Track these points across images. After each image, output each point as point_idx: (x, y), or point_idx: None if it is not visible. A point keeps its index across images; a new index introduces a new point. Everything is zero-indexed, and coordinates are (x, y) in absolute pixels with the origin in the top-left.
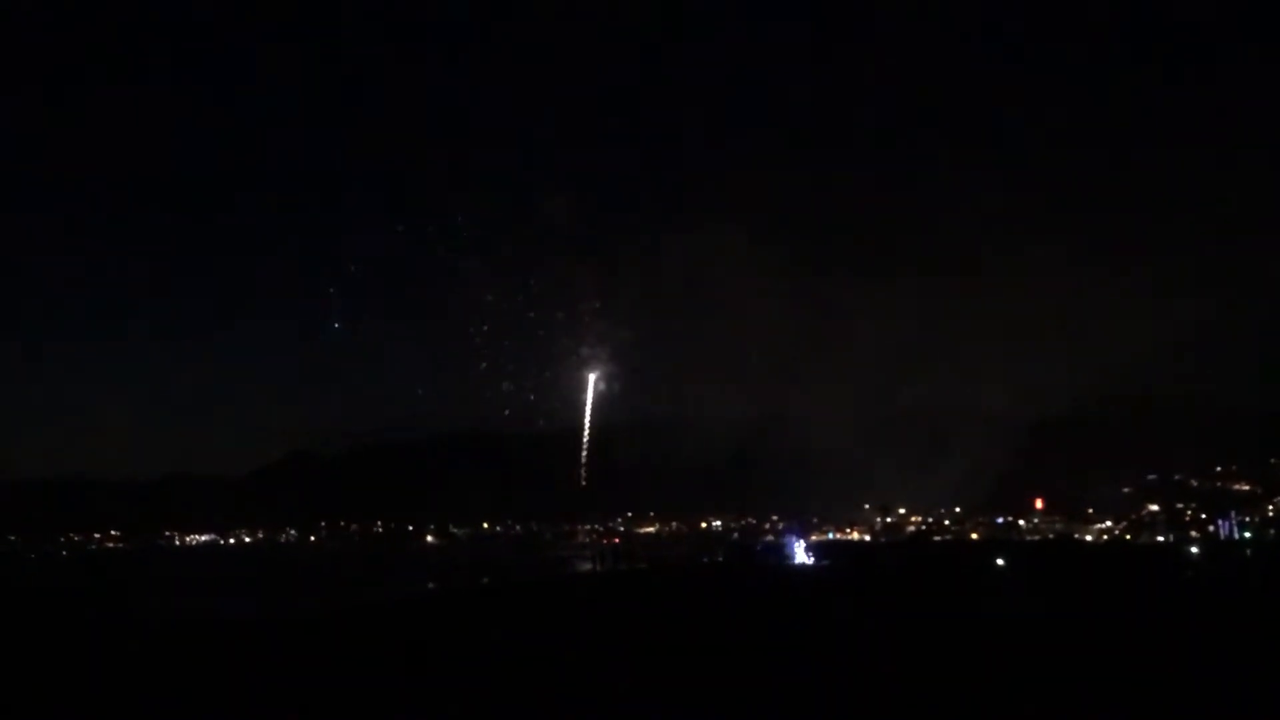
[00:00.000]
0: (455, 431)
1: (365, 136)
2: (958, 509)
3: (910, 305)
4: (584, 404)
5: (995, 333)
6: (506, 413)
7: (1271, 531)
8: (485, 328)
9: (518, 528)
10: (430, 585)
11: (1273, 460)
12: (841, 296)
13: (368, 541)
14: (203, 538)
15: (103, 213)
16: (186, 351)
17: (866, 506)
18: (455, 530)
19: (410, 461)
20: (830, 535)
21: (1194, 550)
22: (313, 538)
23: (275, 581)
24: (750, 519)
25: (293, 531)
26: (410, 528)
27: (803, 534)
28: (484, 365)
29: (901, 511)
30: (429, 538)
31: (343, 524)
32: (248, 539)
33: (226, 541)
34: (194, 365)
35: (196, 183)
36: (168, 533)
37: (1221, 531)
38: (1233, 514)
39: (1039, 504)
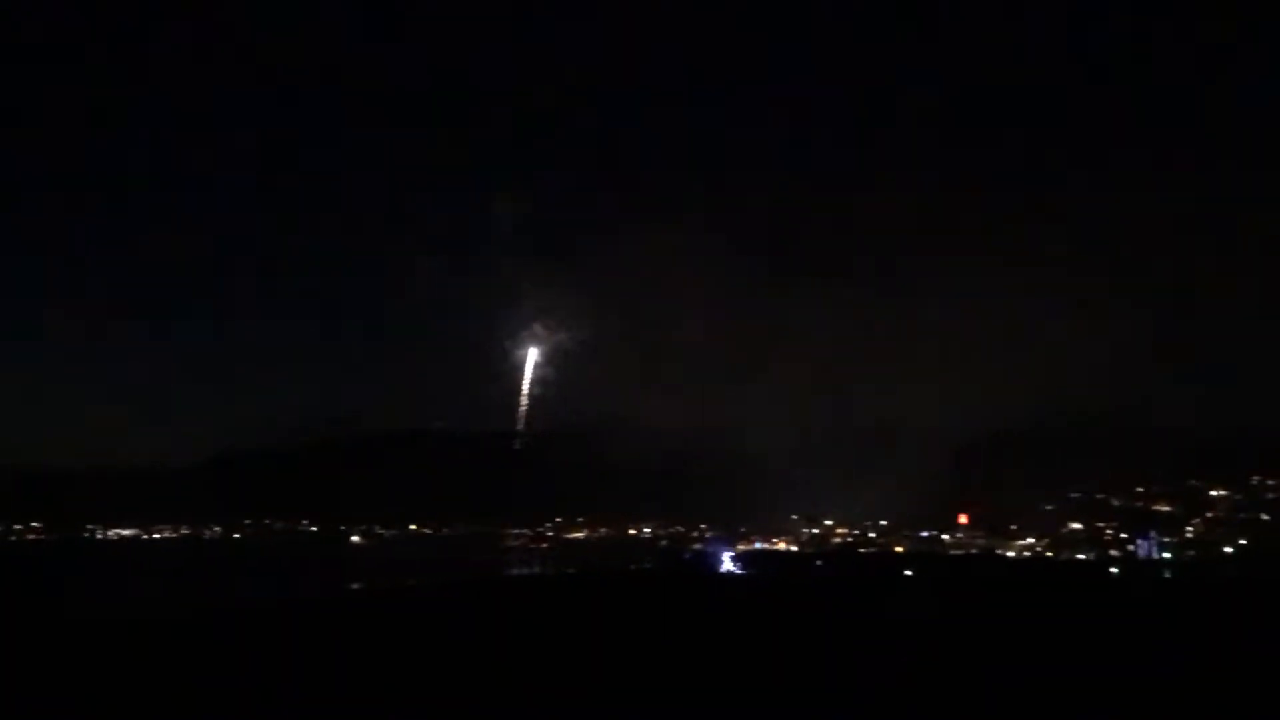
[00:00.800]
0: (388, 431)
1: (304, 130)
2: (884, 522)
3: (846, 320)
4: (520, 406)
5: (927, 349)
6: (440, 423)
7: (1190, 552)
8: (423, 328)
9: (445, 530)
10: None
11: (1193, 482)
12: (780, 309)
13: (292, 540)
14: (125, 532)
15: (22, 203)
16: (117, 344)
17: (795, 517)
18: (382, 531)
19: (340, 461)
20: (757, 545)
21: (1113, 570)
22: (236, 535)
23: (185, 578)
24: (679, 527)
25: (216, 528)
26: (342, 528)
27: (730, 544)
28: (420, 366)
29: (829, 523)
30: (354, 538)
31: (267, 522)
32: (170, 534)
33: (149, 536)
34: (125, 358)
35: (123, 175)
36: (90, 526)
37: (1140, 551)
38: (1152, 534)
39: (964, 519)
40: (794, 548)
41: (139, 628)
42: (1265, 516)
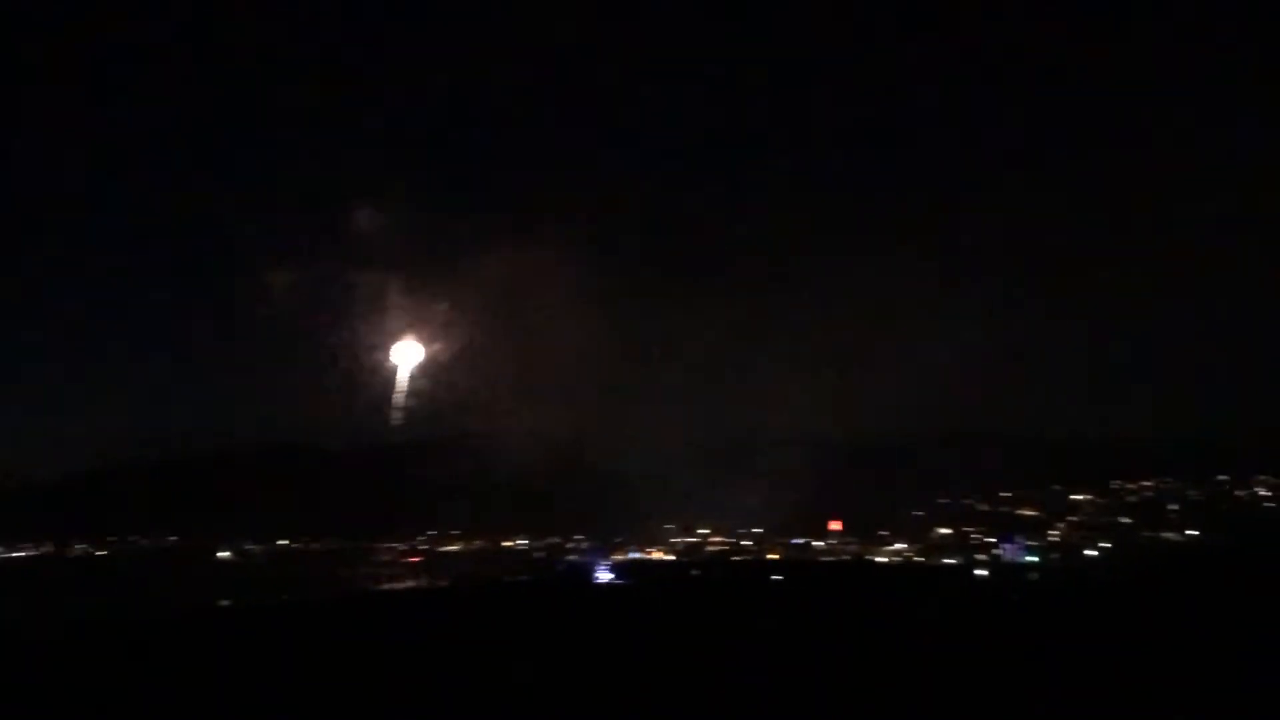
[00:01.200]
0: (257, 446)
1: (182, 140)
2: (757, 530)
3: (718, 329)
4: (390, 417)
5: (799, 358)
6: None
7: (1055, 555)
8: (294, 340)
9: (316, 545)
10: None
11: (1056, 486)
12: (653, 318)
13: (159, 556)
14: None
15: None
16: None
17: (669, 527)
18: (251, 546)
19: (209, 477)
20: (633, 555)
21: (983, 572)
22: (102, 552)
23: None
24: (555, 538)
25: (81, 546)
26: (208, 544)
27: (606, 554)
28: (290, 380)
29: (704, 532)
30: (222, 554)
31: (134, 538)
32: (35, 551)
33: (11, 554)
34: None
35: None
36: None
37: (1006, 554)
38: (1017, 538)
39: (837, 525)
40: (670, 557)
41: None
42: (1126, 520)
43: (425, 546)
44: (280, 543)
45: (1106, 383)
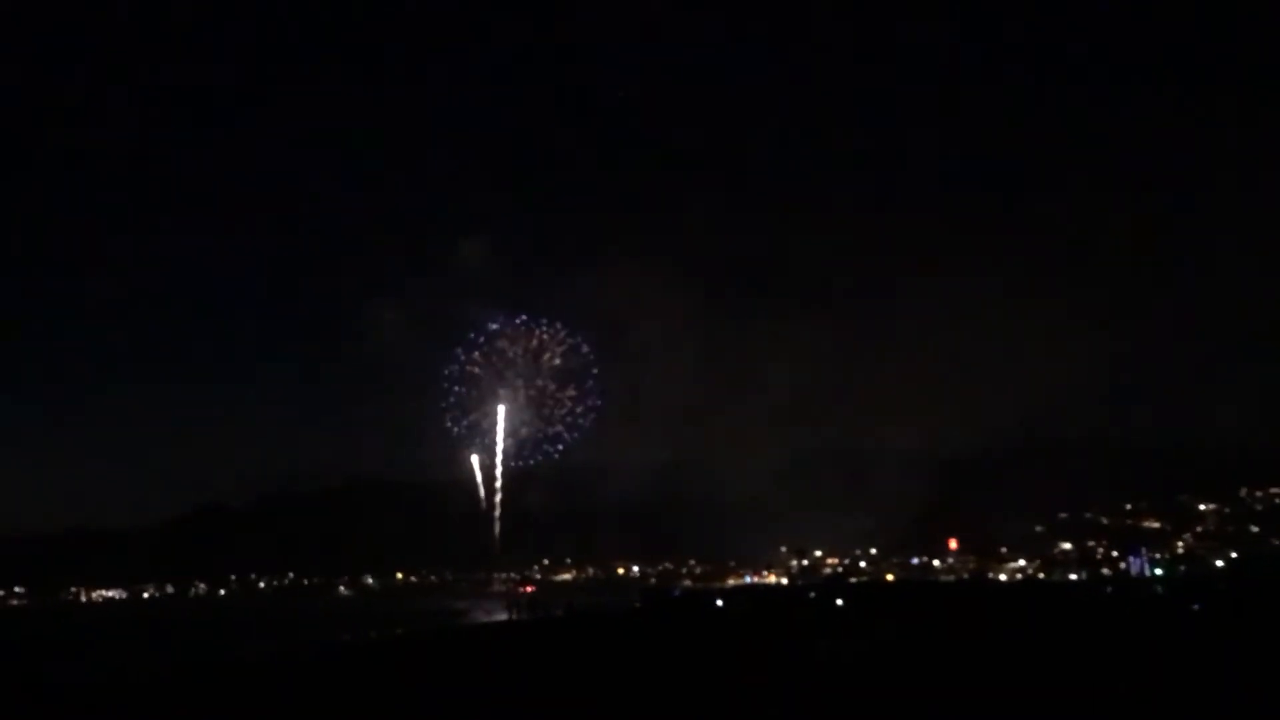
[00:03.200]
0: (368, 481)
1: (266, 178)
2: (873, 550)
3: (823, 348)
4: (496, 452)
5: (908, 375)
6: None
7: (1182, 567)
8: (399, 376)
9: (433, 577)
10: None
11: (1181, 497)
12: (755, 340)
13: (280, 594)
14: (109, 593)
15: None
16: (91, 403)
17: (783, 549)
18: (369, 581)
19: (321, 512)
20: (747, 579)
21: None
22: (222, 591)
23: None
24: (668, 564)
25: (202, 586)
26: (321, 580)
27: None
28: (391, 416)
29: (818, 554)
30: (341, 589)
31: (253, 577)
32: (155, 594)
33: (135, 596)
34: (100, 417)
35: (95, 229)
36: (73, 589)
37: (1133, 568)
38: (1143, 550)
39: (953, 544)
40: (784, 580)
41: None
42: (1254, 528)
43: (539, 576)
44: (397, 576)
45: (1229, 389)
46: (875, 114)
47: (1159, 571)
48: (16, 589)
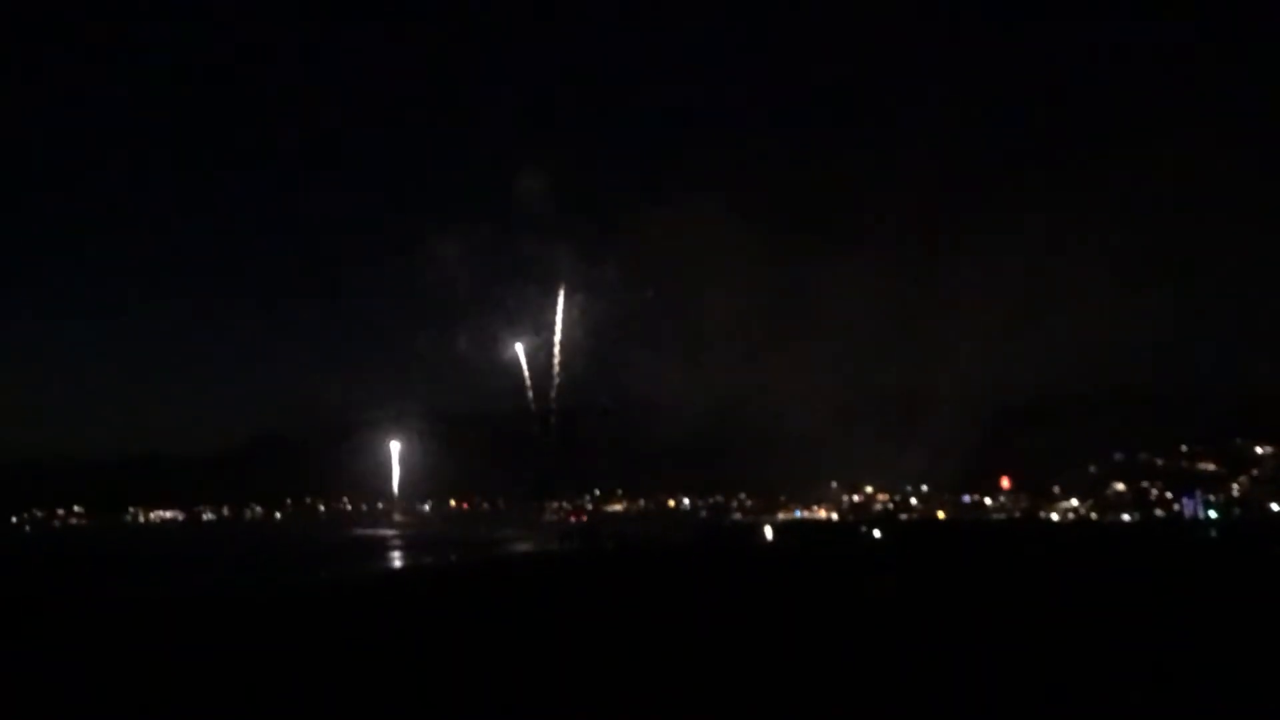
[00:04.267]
0: (424, 413)
1: (327, 117)
2: (925, 488)
3: (880, 285)
4: (554, 381)
5: (965, 313)
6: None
7: (1236, 510)
8: (460, 308)
9: (485, 505)
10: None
11: (1237, 440)
12: (813, 276)
13: (335, 519)
14: (167, 514)
15: (66, 189)
16: (157, 331)
17: (834, 485)
18: (424, 507)
19: (379, 441)
20: (798, 514)
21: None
22: (278, 515)
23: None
24: (719, 497)
25: (258, 508)
26: (379, 504)
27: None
28: (454, 343)
29: (869, 490)
30: (395, 515)
31: (309, 501)
32: (212, 516)
33: (191, 518)
34: (164, 345)
35: (155, 164)
36: (131, 509)
37: (1187, 510)
38: (1198, 493)
39: (1006, 483)
40: (834, 515)
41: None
42: None
43: (590, 507)
44: (450, 502)
45: None
46: (938, 54)
47: (1213, 514)
48: (76, 508)
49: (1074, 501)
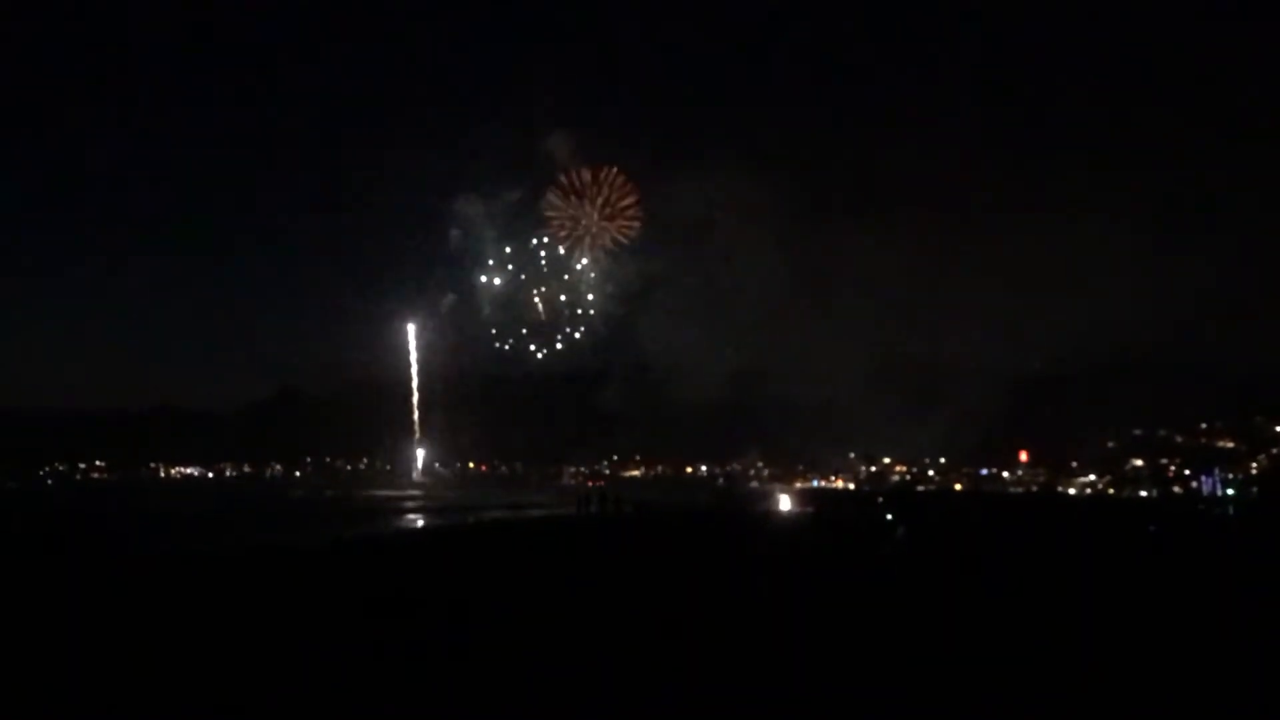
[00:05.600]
0: (443, 374)
1: (350, 70)
2: (943, 459)
3: (898, 255)
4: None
5: (984, 285)
6: (505, 345)
7: (1254, 489)
8: (480, 270)
9: (504, 468)
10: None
11: (1258, 418)
12: (830, 244)
13: (356, 477)
14: (188, 470)
15: (86, 139)
16: (177, 285)
17: (852, 455)
18: (441, 469)
19: (400, 400)
20: (815, 483)
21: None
22: (298, 473)
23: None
24: (736, 465)
25: (278, 466)
26: (398, 465)
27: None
28: (477, 307)
29: (886, 461)
30: (414, 475)
31: (328, 460)
32: (232, 473)
33: (211, 475)
34: (184, 299)
35: (187, 112)
36: (152, 464)
37: (1204, 488)
38: (1216, 470)
39: (1024, 456)
40: (851, 485)
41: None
42: None
43: (607, 472)
44: (468, 465)
45: None
46: (960, 30)
47: (1231, 492)
48: (98, 462)
49: (1091, 476)
